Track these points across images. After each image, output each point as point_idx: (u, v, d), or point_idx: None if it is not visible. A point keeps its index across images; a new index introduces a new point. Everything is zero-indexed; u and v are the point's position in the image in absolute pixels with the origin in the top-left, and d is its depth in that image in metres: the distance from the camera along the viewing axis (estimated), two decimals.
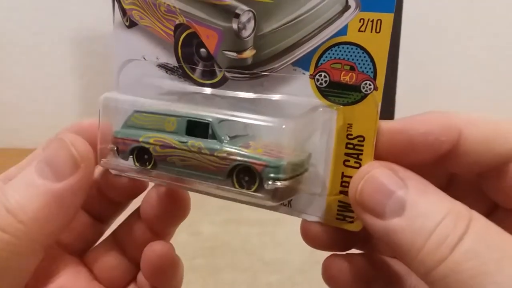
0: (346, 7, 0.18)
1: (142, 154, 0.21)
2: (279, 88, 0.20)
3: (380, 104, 0.18)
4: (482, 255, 0.15)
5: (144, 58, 0.22)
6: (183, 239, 0.53)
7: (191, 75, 0.22)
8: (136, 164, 0.21)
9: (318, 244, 0.21)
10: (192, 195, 0.24)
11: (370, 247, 0.23)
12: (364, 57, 0.18)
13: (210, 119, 0.20)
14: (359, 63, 0.18)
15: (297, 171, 0.19)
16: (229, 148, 0.19)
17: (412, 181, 0.17)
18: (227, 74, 0.21)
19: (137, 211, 0.25)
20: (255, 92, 0.20)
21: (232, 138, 0.20)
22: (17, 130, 0.82)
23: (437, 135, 0.18)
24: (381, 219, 0.17)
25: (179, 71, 0.22)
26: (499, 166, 0.18)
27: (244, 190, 0.19)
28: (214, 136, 0.20)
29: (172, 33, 0.21)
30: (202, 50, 0.21)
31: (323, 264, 0.22)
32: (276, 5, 0.19)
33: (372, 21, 0.17)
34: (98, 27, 0.78)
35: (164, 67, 0.22)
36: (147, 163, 0.21)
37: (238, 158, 0.19)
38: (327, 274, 0.21)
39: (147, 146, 0.21)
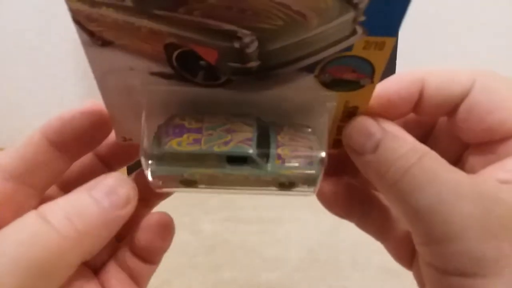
0: (353, 33, 0.20)
1: (189, 183, 0.24)
2: (285, 84, 0.22)
3: (375, 87, 0.22)
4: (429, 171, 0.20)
5: (131, 69, 0.22)
6: (184, 238, 0.54)
7: (192, 79, 0.23)
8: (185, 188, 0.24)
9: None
10: (192, 195, 0.24)
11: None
12: (364, 63, 0.21)
13: (251, 151, 0.22)
14: (359, 68, 0.21)
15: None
16: (272, 174, 0.23)
17: (389, 128, 0.22)
18: (233, 77, 0.22)
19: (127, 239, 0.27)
20: (259, 87, 0.23)
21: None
22: (20, 130, 0.83)
23: (407, 89, 0.23)
24: (361, 156, 0.22)
25: (178, 77, 0.22)
26: (457, 106, 0.22)
27: (286, 191, 0.23)
28: (255, 163, 0.22)
29: (162, 49, 0.21)
30: (202, 62, 0.21)
31: (320, 187, 0.25)
32: (281, 32, 0.20)
33: (376, 42, 0.20)
34: None
35: (159, 74, 0.22)
36: (195, 185, 0.24)
37: (282, 179, 0.23)
38: (322, 195, 0.26)
39: (193, 179, 0.23)
